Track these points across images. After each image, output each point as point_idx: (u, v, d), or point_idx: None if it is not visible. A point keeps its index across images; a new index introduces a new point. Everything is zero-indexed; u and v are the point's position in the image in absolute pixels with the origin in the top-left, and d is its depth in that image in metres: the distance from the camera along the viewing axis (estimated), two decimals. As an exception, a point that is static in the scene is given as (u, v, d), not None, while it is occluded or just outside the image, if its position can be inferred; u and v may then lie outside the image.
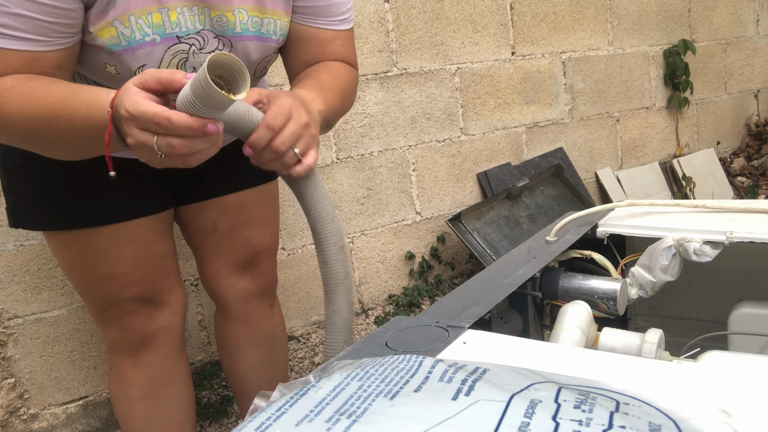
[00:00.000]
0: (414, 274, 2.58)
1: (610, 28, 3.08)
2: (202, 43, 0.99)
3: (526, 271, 0.88)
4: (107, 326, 1.23)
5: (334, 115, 1.07)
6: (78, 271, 1.19)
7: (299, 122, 0.87)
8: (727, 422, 0.43)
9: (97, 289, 1.18)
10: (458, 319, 0.71)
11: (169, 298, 1.26)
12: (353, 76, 1.15)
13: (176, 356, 1.31)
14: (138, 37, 0.93)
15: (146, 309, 1.22)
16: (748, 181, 3.56)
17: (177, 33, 0.96)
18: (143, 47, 0.94)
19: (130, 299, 1.19)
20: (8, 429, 1.82)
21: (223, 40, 1.01)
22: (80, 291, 1.23)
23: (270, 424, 0.43)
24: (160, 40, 0.95)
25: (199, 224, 1.32)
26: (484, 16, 2.66)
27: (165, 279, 1.24)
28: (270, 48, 1.07)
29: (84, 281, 1.19)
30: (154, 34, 0.94)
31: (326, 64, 1.11)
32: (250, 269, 1.37)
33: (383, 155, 2.47)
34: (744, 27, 3.63)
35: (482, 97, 2.71)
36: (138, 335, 1.22)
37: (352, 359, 0.56)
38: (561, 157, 2.97)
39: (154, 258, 1.21)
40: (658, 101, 3.34)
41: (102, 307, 1.20)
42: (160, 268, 1.23)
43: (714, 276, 1.12)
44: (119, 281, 1.17)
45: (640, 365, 0.55)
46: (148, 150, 0.78)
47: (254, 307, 1.41)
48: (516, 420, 0.38)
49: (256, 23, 1.02)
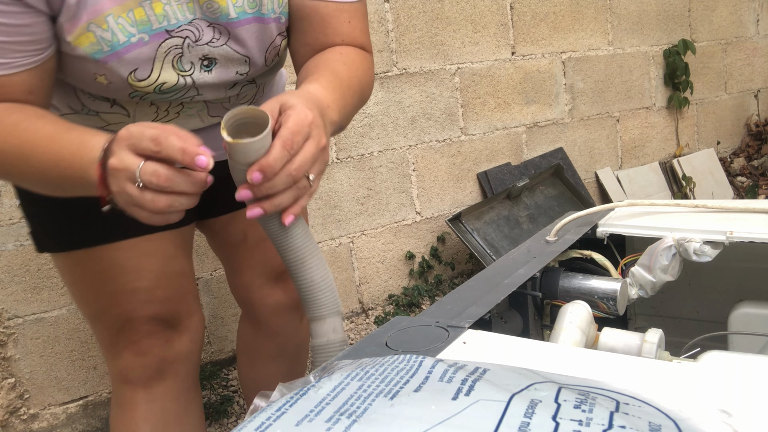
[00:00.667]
0: (414, 274, 2.58)
1: (610, 28, 3.08)
2: (197, 34, 0.88)
3: (526, 271, 0.88)
4: (119, 352, 1.10)
5: (350, 116, 0.94)
6: (93, 289, 1.07)
7: (318, 143, 0.74)
8: (727, 422, 0.43)
9: (113, 308, 1.07)
10: (458, 319, 0.71)
11: (190, 323, 1.15)
12: (369, 64, 0.99)
13: (192, 389, 1.20)
14: (122, 39, 0.81)
15: (166, 331, 1.10)
16: (748, 181, 3.56)
17: (166, 27, 0.84)
18: (131, 50, 0.83)
19: (150, 318, 1.08)
20: (8, 429, 1.82)
21: (219, 29, 0.89)
22: (92, 313, 1.11)
23: (270, 424, 0.43)
24: (149, 38, 0.84)
25: (229, 235, 1.25)
26: (484, 16, 2.66)
27: (186, 300, 1.14)
28: (272, 30, 0.93)
29: (99, 300, 1.08)
30: (141, 33, 0.83)
31: (339, 51, 0.95)
32: (282, 281, 1.28)
33: (383, 155, 2.47)
34: (744, 27, 3.63)
35: (482, 97, 2.71)
36: (155, 361, 1.10)
37: (352, 359, 0.56)
38: (561, 157, 2.97)
39: (176, 274, 1.11)
40: (658, 101, 3.34)
41: (116, 328, 1.08)
42: (182, 287, 1.13)
43: (714, 276, 1.12)
44: (139, 297, 1.06)
45: (640, 365, 0.55)
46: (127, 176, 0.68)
47: (285, 321, 1.33)
48: (516, 420, 0.38)
49: (254, 3, 0.89)
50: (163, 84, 0.89)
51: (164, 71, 0.88)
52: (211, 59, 0.92)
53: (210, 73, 0.93)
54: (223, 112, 0.98)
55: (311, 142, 0.72)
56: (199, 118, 1.04)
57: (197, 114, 1.03)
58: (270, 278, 1.27)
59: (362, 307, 2.48)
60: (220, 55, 0.92)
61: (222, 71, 0.94)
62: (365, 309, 2.48)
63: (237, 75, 0.96)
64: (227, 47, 0.91)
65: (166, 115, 0.99)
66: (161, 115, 0.99)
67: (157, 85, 0.89)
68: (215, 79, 0.94)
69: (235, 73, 0.95)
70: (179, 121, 1.02)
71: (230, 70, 0.94)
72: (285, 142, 0.70)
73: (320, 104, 0.79)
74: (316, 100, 0.79)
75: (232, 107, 0.95)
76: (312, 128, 0.73)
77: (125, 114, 0.97)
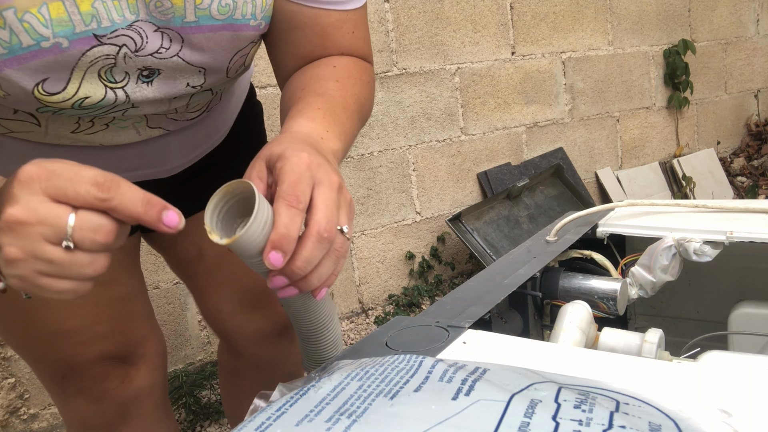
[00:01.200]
0: (414, 274, 2.58)
1: (610, 28, 3.08)
2: (139, 41, 0.65)
3: (526, 271, 0.88)
4: (69, 399, 0.92)
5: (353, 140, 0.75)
6: (17, 332, 0.88)
7: (331, 184, 0.56)
8: (727, 422, 0.43)
9: (49, 354, 0.88)
10: (458, 319, 0.71)
11: (145, 350, 0.96)
12: (370, 76, 0.82)
13: (164, 420, 1.03)
14: (26, 41, 0.58)
15: (120, 369, 0.93)
16: (748, 181, 3.56)
17: (94, 30, 0.61)
18: (40, 56, 0.60)
19: (97, 360, 0.90)
20: (8, 429, 1.82)
21: (170, 35, 0.66)
22: (26, 356, 0.92)
23: (270, 424, 0.43)
24: (69, 44, 0.61)
25: (182, 251, 1.02)
26: (484, 16, 2.66)
27: (136, 326, 0.95)
28: (246, 38, 0.73)
29: (29, 344, 0.88)
30: (57, 37, 0.60)
31: (333, 65, 0.78)
32: (261, 306, 1.06)
33: (383, 155, 2.47)
34: (744, 27, 3.63)
35: (482, 97, 2.71)
36: (115, 405, 0.93)
37: (352, 359, 0.56)
38: (561, 157, 2.97)
39: (117, 301, 0.91)
40: (658, 101, 3.34)
41: (60, 375, 0.89)
42: (128, 313, 0.93)
43: (714, 276, 1.12)
44: (77, 339, 0.87)
45: (640, 365, 0.55)
46: (43, 235, 0.46)
47: (270, 350, 1.11)
48: (516, 420, 0.38)
49: (226, 6, 0.67)
50: (84, 99, 0.66)
51: (86, 83, 0.65)
52: (153, 69, 0.69)
53: (150, 85, 0.70)
54: (168, 124, 0.81)
55: (323, 188, 0.55)
56: (135, 131, 0.80)
57: (132, 126, 0.79)
58: (244, 303, 1.05)
59: (362, 307, 2.48)
60: (166, 67, 0.69)
61: (166, 84, 0.71)
62: (365, 309, 2.48)
63: (187, 87, 0.74)
64: (178, 58, 0.69)
65: (90, 127, 0.75)
66: (84, 127, 0.75)
67: (76, 100, 0.66)
68: (157, 93, 0.71)
69: (186, 85, 0.73)
70: (108, 134, 0.77)
71: (178, 82, 0.72)
72: (288, 199, 0.53)
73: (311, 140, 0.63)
74: (305, 137, 0.63)
75: (179, 117, 0.81)
76: (314, 170, 0.56)
77: (34, 123, 0.73)
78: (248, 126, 1.04)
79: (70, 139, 0.77)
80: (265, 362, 1.12)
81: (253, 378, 1.14)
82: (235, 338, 1.10)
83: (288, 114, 0.70)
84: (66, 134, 0.75)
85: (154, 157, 0.87)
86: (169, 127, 0.83)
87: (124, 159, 0.82)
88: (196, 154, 0.93)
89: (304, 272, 0.54)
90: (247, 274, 1.01)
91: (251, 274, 0.92)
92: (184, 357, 2.12)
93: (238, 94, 0.98)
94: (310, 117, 0.67)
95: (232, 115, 0.99)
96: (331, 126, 0.68)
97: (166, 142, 0.86)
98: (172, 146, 0.88)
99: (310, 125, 0.66)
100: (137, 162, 0.84)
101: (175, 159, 0.90)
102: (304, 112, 0.68)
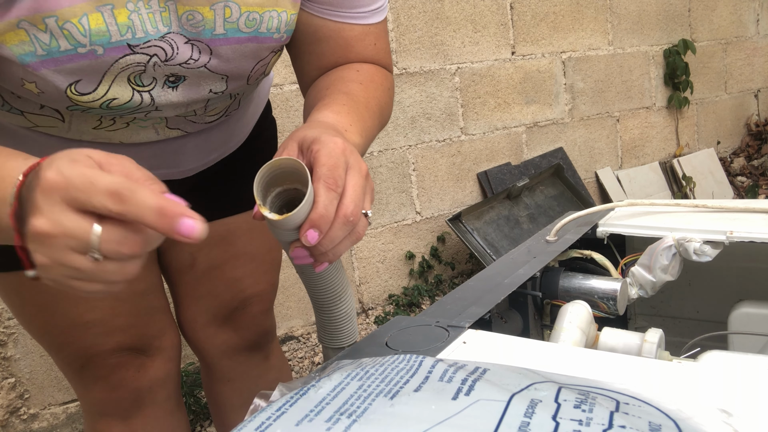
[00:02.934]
0: (414, 274, 2.58)
1: (610, 27, 3.08)
2: (170, 52, 0.69)
3: (526, 270, 0.88)
4: (88, 387, 0.96)
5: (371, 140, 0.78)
6: (40, 322, 0.91)
7: (361, 171, 0.59)
8: (727, 422, 0.43)
9: (69, 344, 0.92)
10: (458, 318, 0.71)
11: (161, 342, 1.00)
12: (390, 84, 0.86)
13: (176, 412, 1.06)
14: (65, 46, 0.62)
15: (136, 359, 0.97)
16: (748, 180, 3.56)
17: (129, 40, 0.65)
18: (75, 60, 0.64)
19: (114, 351, 0.93)
20: (8, 429, 1.82)
21: (199, 46, 0.70)
22: (48, 346, 0.95)
23: (270, 423, 0.43)
24: (103, 51, 0.65)
25: (175, 258, 1.03)
26: (484, 15, 2.66)
27: (153, 320, 0.99)
28: (268, 49, 0.77)
29: (49, 335, 0.92)
30: (93, 45, 0.63)
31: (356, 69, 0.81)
32: (232, 320, 1.08)
33: (383, 155, 2.47)
34: (744, 27, 3.63)
35: (482, 96, 2.71)
36: (130, 393, 0.97)
37: (352, 359, 0.56)
38: (561, 157, 2.97)
39: (136, 295, 0.94)
40: (658, 101, 3.34)
41: (79, 365, 0.94)
42: (145, 307, 0.97)
43: (714, 276, 1.12)
44: (96, 330, 0.91)
45: (640, 365, 0.55)
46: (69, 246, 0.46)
47: (240, 363, 1.12)
48: (516, 420, 0.38)
49: (253, 21, 0.71)
50: (112, 100, 0.71)
51: (116, 86, 0.69)
52: (179, 76, 0.73)
53: (175, 90, 0.74)
54: (187, 126, 0.84)
55: (354, 173, 0.59)
56: (155, 131, 0.83)
57: (152, 126, 0.82)
58: (217, 316, 1.08)
59: (362, 307, 2.48)
60: (192, 74, 0.73)
61: (190, 90, 0.75)
62: (365, 309, 2.49)
63: (210, 93, 0.78)
64: (205, 69, 0.73)
65: (111, 125, 0.78)
66: (105, 124, 0.78)
67: (104, 101, 0.70)
68: (181, 97, 0.75)
69: (209, 91, 0.77)
70: (128, 132, 0.81)
71: (202, 88, 0.76)
72: (327, 182, 0.56)
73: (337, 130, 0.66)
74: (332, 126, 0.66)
75: (197, 120, 0.84)
76: (348, 156, 0.59)
77: (59, 119, 0.76)
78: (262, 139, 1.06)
79: (91, 135, 0.79)
80: (236, 377, 1.13)
81: (226, 393, 1.15)
82: (203, 350, 1.12)
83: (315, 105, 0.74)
84: (88, 130, 0.78)
85: (169, 158, 0.89)
86: (188, 128, 0.86)
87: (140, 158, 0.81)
88: (211, 158, 0.95)
89: (326, 249, 0.58)
90: (228, 289, 1.05)
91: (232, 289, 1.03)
92: (184, 357, 2.12)
93: (256, 103, 1.01)
94: (335, 110, 0.71)
95: (249, 123, 1.01)
96: (354, 121, 0.71)
97: (183, 144, 0.89)
98: (188, 148, 0.90)
99: (335, 117, 0.70)
100: (152, 162, 0.86)
101: (190, 161, 0.92)
102: (329, 106, 0.72)
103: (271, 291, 1.12)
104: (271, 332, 1.16)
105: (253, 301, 1.08)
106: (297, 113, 2.24)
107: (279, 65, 2.17)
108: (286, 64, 2.18)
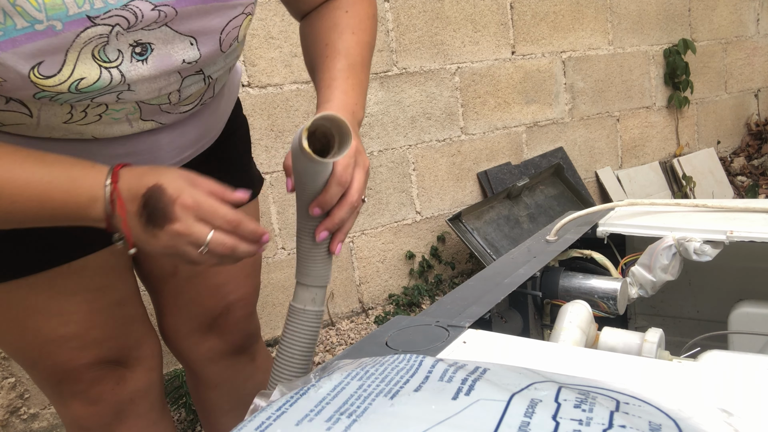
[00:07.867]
0: (414, 274, 2.58)
1: (610, 27, 3.08)
2: (133, 20, 0.66)
3: (527, 270, 0.88)
4: (66, 402, 0.94)
5: None
6: (13, 338, 0.89)
7: (365, 168, 0.77)
8: (727, 422, 0.43)
9: (43, 360, 0.89)
10: (458, 318, 0.71)
11: (140, 352, 0.98)
12: (374, 10, 0.90)
13: (161, 421, 1.04)
14: (21, 23, 0.60)
15: (115, 372, 0.95)
16: (748, 180, 3.56)
17: (87, 12, 0.62)
18: (34, 38, 0.61)
19: (92, 365, 0.91)
20: (8, 429, 1.82)
21: (165, 10, 0.68)
22: (20, 362, 0.93)
23: (270, 423, 0.43)
24: (62, 26, 0.62)
25: (156, 266, 1.02)
26: (484, 15, 2.66)
27: (130, 330, 0.96)
28: (236, 7, 0.75)
29: (22, 350, 0.90)
30: (51, 20, 0.61)
31: (347, 10, 0.86)
32: (217, 327, 1.07)
33: (383, 155, 2.47)
34: (744, 26, 3.63)
35: (482, 96, 2.71)
36: (110, 407, 0.95)
37: (352, 359, 0.56)
38: (561, 157, 2.97)
39: (111, 306, 0.92)
40: (658, 101, 3.34)
41: (55, 380, 0.92)
42: (122, 317, 0.94)
43: (714, 275, 1.12)
44: (71, 345, 0.89)
45: (641, 365, 0.55)
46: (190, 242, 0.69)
47: (226, 368, 1.11)
48: (516, 419, 0.38)
49: None
50: (80, 80, 0.67)
51: (81, 64, 0.66)
52: (144, 45, 0.69)
53: (145, 63, 0.71)
54: (161, 116, 0.82)
55: (359, 171, 0.76)
56: (128, 123, 0.80)
57: (126, 118, 0.79)
58: (201, 324, 1.07)
59: (362, 307, 2.48)
60: (156, 38, 0.70)
61: (161, 59, 0.72)
62: (365, 308, 2.48)
63: (183, 63, 0.74)
64: (167, 27, 0.70)
65: (82, 117, 0.75)
66: (77, 117, 0.75)
67: (72, 82, 0.67)
68: (152, 70, 0.72)
69: (181, 61, 0.73)
70: (100, 125, 0.78)
71: (173, 58, 0.72)
72: (339, 179, 0.72)
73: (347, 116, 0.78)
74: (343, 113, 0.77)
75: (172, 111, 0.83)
76: (357, 156, 0.75)
77: (27, 113, 0.73)
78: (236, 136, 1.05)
79: (62, 130, 0.76)
80: (223, 381, 1.12)
81: (214, 399, 1.15)
82: (188, 358, 1.11)
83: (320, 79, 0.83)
84: (58, 125, 0.75)
85: (144, 155, 0.86)
86: (162, 120, 0.83)
87: (115, 157, 0.82)
88: (187, 155, 0.93)
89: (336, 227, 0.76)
90: (211, 296, 1.05)
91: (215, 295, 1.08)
92: (184, 357, 2.12)
93: (228, 97, 1.00)
94: (343, 90, 0.81)
95: (222, 119, 0.99)
96: (359, 95, 0.82)
97: (157, 139, 0.86)
98: (163, 144, 0.87)
99: (344, 99, 0.80)
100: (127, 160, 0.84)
101: (165, 158, 0.89)
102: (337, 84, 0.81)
103: (254, 294, 1.12)
104: (255, 334, 1.15)
105: (237, 305, 1.08)
106: (297, 113, 2.24)
107: (279, 65, 2.17)
108: (286, 64, 2.18)
